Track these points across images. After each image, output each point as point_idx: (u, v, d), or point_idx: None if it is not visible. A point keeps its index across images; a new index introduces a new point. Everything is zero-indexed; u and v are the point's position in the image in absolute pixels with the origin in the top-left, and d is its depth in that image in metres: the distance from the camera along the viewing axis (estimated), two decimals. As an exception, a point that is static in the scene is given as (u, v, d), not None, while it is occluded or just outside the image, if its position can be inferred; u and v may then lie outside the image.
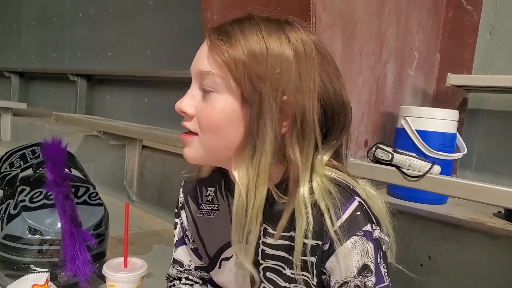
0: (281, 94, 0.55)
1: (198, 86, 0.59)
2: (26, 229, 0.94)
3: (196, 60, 0.59)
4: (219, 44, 0.56)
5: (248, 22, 0.57)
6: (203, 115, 0.57)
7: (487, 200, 0.97)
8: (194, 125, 0.59)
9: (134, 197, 2.31)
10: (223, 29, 0.58)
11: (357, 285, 0.55)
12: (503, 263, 1.08)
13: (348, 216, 0.56)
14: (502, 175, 1.54)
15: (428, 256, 1.18)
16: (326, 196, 0.56)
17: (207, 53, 0.57)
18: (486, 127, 1.58)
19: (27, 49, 4.87)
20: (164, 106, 3.04)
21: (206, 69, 0.57)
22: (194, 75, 0.60)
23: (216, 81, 0.56)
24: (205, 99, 0.58)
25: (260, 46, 0.55)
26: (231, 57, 0.55)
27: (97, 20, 3.76)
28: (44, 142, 1.10)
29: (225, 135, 0.57)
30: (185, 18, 2.79)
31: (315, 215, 0.56)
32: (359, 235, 0.55)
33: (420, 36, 1.53)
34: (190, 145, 0.60)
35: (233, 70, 0.55)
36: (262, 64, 0.54)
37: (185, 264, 0.78)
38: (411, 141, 1.29)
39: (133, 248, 1.62)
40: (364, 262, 0.55)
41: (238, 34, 0.56)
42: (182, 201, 0.76)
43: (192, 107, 0.59)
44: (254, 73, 0.54)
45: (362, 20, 1.27)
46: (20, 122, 3.51)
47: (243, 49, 0.55)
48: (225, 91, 0.56)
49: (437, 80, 1.63)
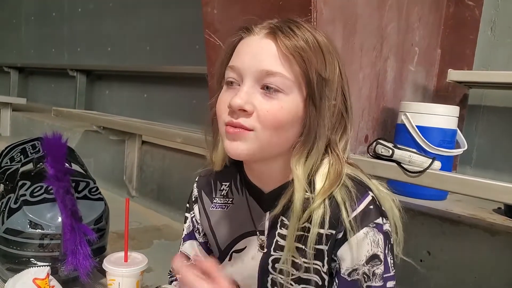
0: (335, 96, 0.61)
1: (256, 83, 0.58)
2: (27, 223, 0.94)
3: (254, 59, 0.58)
4: (291, 45, 0.57)
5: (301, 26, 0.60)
6: (269, 114, 0.58)
7: (487, 196, 0.97)
8: (252, 122, 0.58)
9: (134, 193, 2.31)
10: (284, 29, 0.58)
11: (365, 272, 0.59)
12: (503, 259, 1.08)
13: (362, 209, 0.60)
14: (502, 171, 1.54)
15: (428, 252, 1.19)
16: (342, 190, 0.60)
17: (275, 52, 0.57)
18: (486, 123, 1.58)
19: (26, 44, 4.86)
20: (164, 101, 3.03)
21: (275, 70, 0.57)
22: (252, 73, 0.58)
23: (285, 82, 0.57)
24: (269, 98, 0.58)
25: (321, 59, 0.59)
26: (305, 59, 0.57)
27: (97, 15, 3.75)
28: (44, 137, 1.10)
29: (285, 132, 0.60)
30: (185, 13, 2.78)
31: (331, 207, 0.60)
32: (371, 226, 0.59)
33: (421, 32, 1.53)
34: (244, 141, 0.59)
35: (306, 73, 0.57)
36: (324, 69, 0.59)
37: (191, 258, 0.78)
38: (411, 137, 1.29)
39: (134, 243, 1.63)
40: (374, 251, 0.59)
41: (305, 44, 0.58)
42: (196, 195, 0.77)
43: (250, 104, 0.58)
44: (323, 78, 0.58)
45: (362, 15, 1.26)
46: (20, 117, 3.51)
47: (316, 54, 0.58)
48: (292, 92, 0.58)
49: (438, 76, 1.63)
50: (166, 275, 0.85)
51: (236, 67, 0.60)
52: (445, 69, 1.51)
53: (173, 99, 2.93)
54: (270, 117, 0.58)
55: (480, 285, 1.11)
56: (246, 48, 0.60)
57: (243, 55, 0.60)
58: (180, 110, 2.82)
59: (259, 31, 0.60)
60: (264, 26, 0.60)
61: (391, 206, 0.63)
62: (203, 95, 1.47)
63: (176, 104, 2.89)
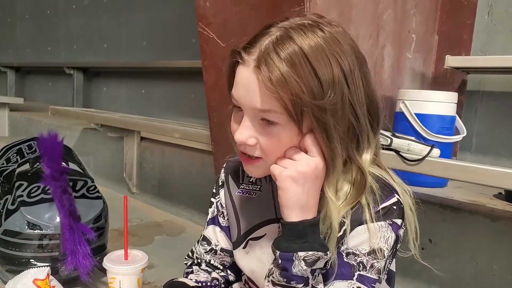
0: (341, 114, 0.58)
1: (254, 117, 0.59)
2: (25, 224, 0.93)
3: (247, 95, 0.58)
4: (274, 78, 0.55)
5: (288, 44, 0.56)
6: (269, 146, 0.59)
7: (486, 182, 0.96)
8: (258, 152, 0.61)
9: (134, 189, 2.31)
10: (269, 58, 0.55)
11: (362, 262, 0.60)
12: (504, 245, 1.08)
13: (386, 206, 0.61)
14: (502, 156, 1.53)
15: (429, 240, 1.18)
16: (367, 192, 0.61)
17: (259, 89, 0.56)
18: (485, 108, 1.57)
19: (22, 43, 4.83)
20: (162, 96, 3.02)
21: (266, 107, 0.57)
22: (247, 109, 0.59)
23: (278, 116, 0.57)
24: (267, 131, 0.59)
25: (313, 79, 0.55)
26: (292, 94, 0.55)
27: (92, 12, 3.72)
28: (40, 137, 1.09)
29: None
30: (180, 8, 2.76)
31: (353, 210, 0.61)
32: (388, 222, 0.61)
33: (417, 18, 1.51)
34: (256, 167, 0.63)
35: (296, 107, 0.56)
36: (320, 96, 0.55)
37: (213, 243, 0.80)
38: (410, 125, 1.29)
39: (135, 240, 1.63)
40: (380, 246, 0.60)
41: (290, 68, 0.55)
42: (222, 179, 0.80)
43: (253, 138, 0.60)
44: (316, 107, 0.56)
45: (358, 4, 1.24)
46: (18, 117, 3.50)
47: (300, 85, 0.55)
48: (288, 123, 0.58)
49: (436, 62, 1.61)
50: (168, 271, 0.85)
51: (236, 99, 0.61)
52: (442, 55, 1.50)
53: (171, 94, 2.92)
54: (273, 148, 0.60)
55: (481, 271, 1.11)
56: (239, 81, 0.59)
57: (239, 88, 0.60)
58: (178, 104, 2.81)
59: (248, 60, 0.58)
60: (252, 54, 0.58)
61: (413, 211, 0.64)
62: (201, 89, 1.46)
63: (175, 99, 2.88)
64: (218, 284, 0.79)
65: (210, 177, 1.55)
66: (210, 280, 0.78)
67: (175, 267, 1.27)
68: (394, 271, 0.72)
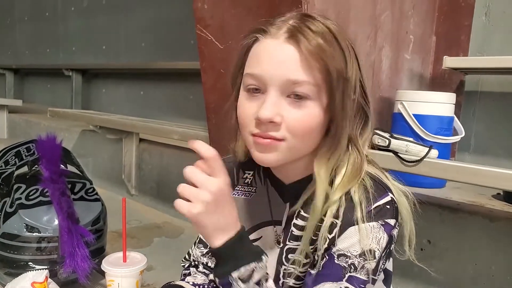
0: (355, 94, 0.59)
1: (281, 91, 0.57)
2: (23, 227, 0.94)
3: (278, 67, 0.56)
4: (314, 49, 0.55)
5: (316, 22, 0.58)
6: (299, 123, 0.57)
7: (484, 182, 0.96)
8: (282, 133, 0.58)
9: (133, 191, 2.31)
10: (304, 30, 0.56)
11: (353, 263, 0.58)
12: (503, 245, 1.08)
13: (378, 205, 0.60)
14: (501, 157, 1.53)
15: (428, 241, 1.18)
16: (361, 189, 0.60)
17: (298, 59, 0.55)
18: (483, 109, 1.57)
19: (20, 45, 4.83)
20: (161, 98, 3.02)
21: (302, 78, 0.56)
22: (276, 83, 0.57)
23: (311, 89, 0.56)
24: (298, 106, 0.57)
25: (341, 55, 0.57)
26: (327, 63, 0.55)
27: (90, 13, 3.72)
28: (38, 139, 1.09)
29: (313, 137, 0.60)
30: (179, 9, 2.76)
31: (347, 202, 0.60)
32: (380, 223, 0.59)
33: (415, 19, 1.51)
34: (276, 151, 0.59)
35: (329, 77, 0.56)
36: (345, 71, 0.57)
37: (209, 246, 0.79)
38: (408, 126, 1.29)
39: (134, 242, 1.63)
40: (372, 247, 0.58)
41: (325, 42, 0.56)
42: None
43: (279, 116, 0.57)
44: (342, 77, 0.57)
45: (356, 5, 1.25)
46: (16, 119, 3.49)
47: (334, 57, 0.56)
48: (318, 97, 0.57)
49: (434, 63, 1.61)
50: (167, 273, 0.85)
51: (258, 75, 0.58)
52: (440, 56, 1.50)
53: (170, 95, 2.92)
54: (301, 126, 0.58)
55: (480, 272, 1.11)
56: (267, 54, 0.57)
57: (265, 63, 0.57)
58: (177, 106, 2.81)
59: (277, 33, 0.57)
60: (281, 28, 0.57)
61: (408, 210, 0.63)
62: (199, 90, 1.46)
63: (173, 100, 2.88)
64: (216, 286, 0.79)
65: (209, 179, 1.55)
66: (208, 283, 0.78)
67: (174, 269, 1.26)
68: (391, 270, 0.71)
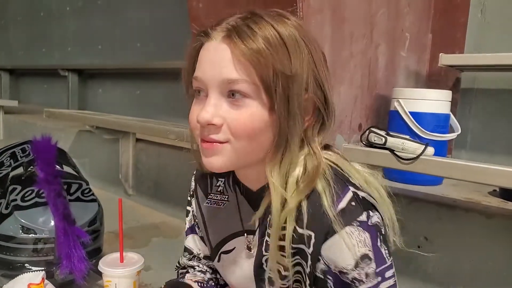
0: (305, 91, 0.57)
1: (220, 93, 0.56)
2: (19, 229, 0.93)
3: (215, 68, 0.56)
4: (248, 49, 0.54)
5: (259, 21, 0.56)
6: (239, 123, 0.55)
7: (480, 180, 0.97)
8: (224, 135, 0.56)
9: (131, 191, 2.30)
10: (241, 30, 0.55)
11: (355, 277, 0.56)
12: (499, 241, 1.08)
13: (344, 207, 0.56)
14: (497, 153, 1.54)
15: (425, 238, 1.19)
16: (322, 182, 0.58)
17: (231, 58, 0.54)
18: (480, 106, 1.58)
19: (15, 45, 4.80)
20: (157, 97, 3.01)
21: (236, 76, 0.54)
22: (214, 84, 0.56)
23: (249, 87, 0.55)
24: (236, 106, 0.56)
25: (296, 43, 0.56)
26: (262, 62, 0.54)
27: (86, 13, 3.70)
28: (34, 140, 1.09)
29: (258, 138, 0.57)
30: (174, 7, 2.75)
31: (310, 201, 0.57)
32: (355, 225, 0.56)
33: (411, 17, 1.51)
34: (220, 154, 0.57)
35: (266, 76, 0.54)
36: (289, 68, 0.55)
37: (195, 252, 0.79)
38: (405, 123, 1.29)
39: (131, 242, 1.62)
40: (362, 252, 0.55)
41: (269, 34, 0.55)
42: (193, 188, 0.77)
43: (219, 117, 0.56)
44: (288, 76, 0.54)
45: (351, 3, 1.25)
46: (12, 120, 3.48)
47: (277, 51, 0.54)
48: (257, 96, 0.55)
49: (430, 60, 1.62)
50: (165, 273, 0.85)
51: (199, 78, 0.57)
52: (436, 54, 1.50)
53: (167, 94, 2.91)
54: (241, 126, 0.56)
55: (477, 269, 1.11)
56: (206, 55, 0.57)
57: (204, 64, 0.57)
58: (174, 105, 2.80)
59: (216, 34, 0.56)
60: (221, 28, 0.57)
61: (382, 194, 0.60)
62: (195, 90, 1.46)
63: (170, 100, 2.87)
64: (214, 285, 0.79)
65: (206, 178, 1.55)
66: (206, 281, 0.78)
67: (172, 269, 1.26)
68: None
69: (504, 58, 1.31)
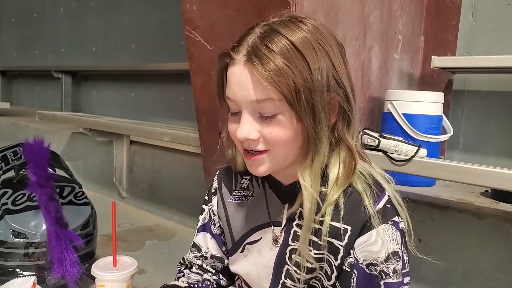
0: (326, 93, 0.60)
1: (252, 111, 0.61)
2: (10, 233, 0.92)
3: (242, 90, 0.60)
4: (268, 71, 0.57)
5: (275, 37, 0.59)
6: (272, 136, 0.61)
7: (472, 181, 0.97)
8: (263, 145, 0.62)
9: (125, 194, 2.29)
10: (259, 51, 0.58)
11: (383, 270, 0.61)
12: (491, 241, 1.09)
13: (382, 207, 0.63)
14: (489, 155, 1.55)
15: (418, 239, 1.19)
16: (362, 181, 0.63)
17: (255, 81, 0.59)
18: (471, 107, 1.59)
19: (8, 46, 4.76)
20: (152, 99, 3.00)
21: (262, 97, 0.59)
22: (244, 103, 0.61)
23: (275, 104, 0.59)
24: (267, 122, 0.61)
25: (304, 66, 0.58)
26: (283, 81, 0.58)
27: (79, 15, 3.68)
28: (25, 143, 1.08)
29: (294, 144, 0.62)
30: (168, 9, 2.74)
31: (349, 198, 0.63)
32: (390, 223, 0.62)
33: (404, 20, 1.52)
34: (263, 163, 0.64)
35: (289, 92, 0.58)
36: (309, 79, 0.58)
37: (203, 250, 0.81)
38: (398, 125, 1.29)
39: (125, 245, 1.62)
40: (394, 249, 0.62)
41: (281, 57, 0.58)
42: (215, 187, 0.81)
43: (255, 132, 0.61)
44: (306, 89, 0.58)
45: (344, 5, 1.25)
46: (4, 122, 3.45)
47: (292, 71, 0.58)
48: (286, 110, 0.60)
49: (423, 62, 1.63)
50: (159, 276, 0.85)
51: (231, 98, 0.62)
52: (429, 56, 1.51)
53: (161, 96, 2.91)
54: (275, 138, 0.61)
55: (470, 269, 1.12)
56: (233, 78, 0.62)
57: (233, 86, 0.62)
58: (168, 107, 2.80)
59: (238, 57, 0.61)
60: (241, 51, 0.61)
61: (399, 201, 0.65)
62: (190, 92, 1.45)
63: (164, 102, 2.86)
64: (209, 284, 0.79)
65: (201, 180, 1.55)
66: (202, 281, 0.79)
67: (166, 272, 1.26)
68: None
69: (495, 60, 1.32)
